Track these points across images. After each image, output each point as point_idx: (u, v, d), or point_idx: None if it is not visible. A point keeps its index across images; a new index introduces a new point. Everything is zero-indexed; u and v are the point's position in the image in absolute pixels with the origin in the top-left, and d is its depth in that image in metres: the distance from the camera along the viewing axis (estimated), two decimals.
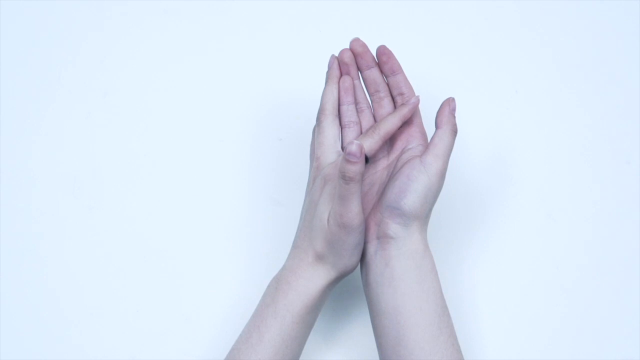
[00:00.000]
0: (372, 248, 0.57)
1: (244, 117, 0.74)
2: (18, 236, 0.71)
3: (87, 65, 0.75)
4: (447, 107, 0.58)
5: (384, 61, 0.60)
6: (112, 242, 0.70)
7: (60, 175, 0.72)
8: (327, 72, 0.61)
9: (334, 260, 0.56)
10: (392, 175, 0.58)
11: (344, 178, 0.52)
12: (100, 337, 0.68)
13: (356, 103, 0.62)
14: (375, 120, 0.62)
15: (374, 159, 0.61)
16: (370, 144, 0.58)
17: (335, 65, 0.61)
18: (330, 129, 0.59)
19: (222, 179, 0.72)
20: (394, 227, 0.55)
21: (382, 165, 0.61)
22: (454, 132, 0.57)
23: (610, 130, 0.72)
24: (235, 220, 0.70)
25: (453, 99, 0.58)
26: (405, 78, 0.61)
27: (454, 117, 0.58)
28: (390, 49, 0.60)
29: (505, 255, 0.69)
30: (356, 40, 0.60)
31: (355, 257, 0.57)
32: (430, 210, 0.57)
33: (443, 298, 0.56)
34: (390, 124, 0.58)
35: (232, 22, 0.76)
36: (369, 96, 0.62)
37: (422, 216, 0.56)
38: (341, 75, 0.61)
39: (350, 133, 0.61)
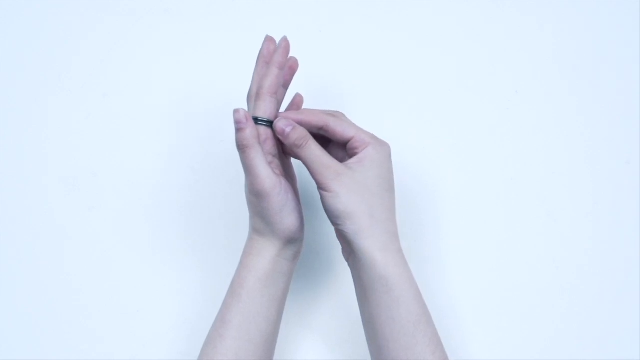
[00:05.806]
0: (350, 265, 0.58)
1: None
2: (18, 236, 0.71)
3: (87, 65, 0.75)
4: (281, 135, 0.56)
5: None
6: (112, 242, 0.70)
7: (60, 175, 0.72)
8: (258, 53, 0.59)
9: (269, 229, 0.57)
10: None
11: (239, 148, 0.54)
12: (100, 337, 0.68)
13: None
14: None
15: None
16: (264, 106, 0.57)
17: (265, 46, 0.58)
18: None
19: (222, 179, 0.72)
20: (350, 241, 0.55)
21: None
22: (296, 146, 0.55)
23: (610, 130, 0.72)
24: (234, 220, 0.70)
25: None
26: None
27: (287, 138, 0.55)
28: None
29: (505, 254, 0.69)
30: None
31: (288, 221, 0.57)
32: (369, 207, 0.54)
33: (420, 305, 0.55)
34: (270, 76, 0.57)
35: (233, 21, 0.76)
36: None
37: (361, 216, 0.54)
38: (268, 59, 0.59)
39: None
